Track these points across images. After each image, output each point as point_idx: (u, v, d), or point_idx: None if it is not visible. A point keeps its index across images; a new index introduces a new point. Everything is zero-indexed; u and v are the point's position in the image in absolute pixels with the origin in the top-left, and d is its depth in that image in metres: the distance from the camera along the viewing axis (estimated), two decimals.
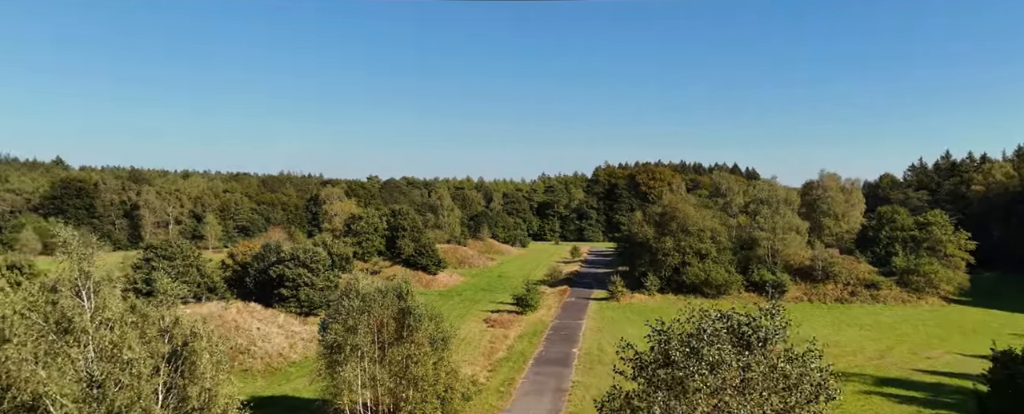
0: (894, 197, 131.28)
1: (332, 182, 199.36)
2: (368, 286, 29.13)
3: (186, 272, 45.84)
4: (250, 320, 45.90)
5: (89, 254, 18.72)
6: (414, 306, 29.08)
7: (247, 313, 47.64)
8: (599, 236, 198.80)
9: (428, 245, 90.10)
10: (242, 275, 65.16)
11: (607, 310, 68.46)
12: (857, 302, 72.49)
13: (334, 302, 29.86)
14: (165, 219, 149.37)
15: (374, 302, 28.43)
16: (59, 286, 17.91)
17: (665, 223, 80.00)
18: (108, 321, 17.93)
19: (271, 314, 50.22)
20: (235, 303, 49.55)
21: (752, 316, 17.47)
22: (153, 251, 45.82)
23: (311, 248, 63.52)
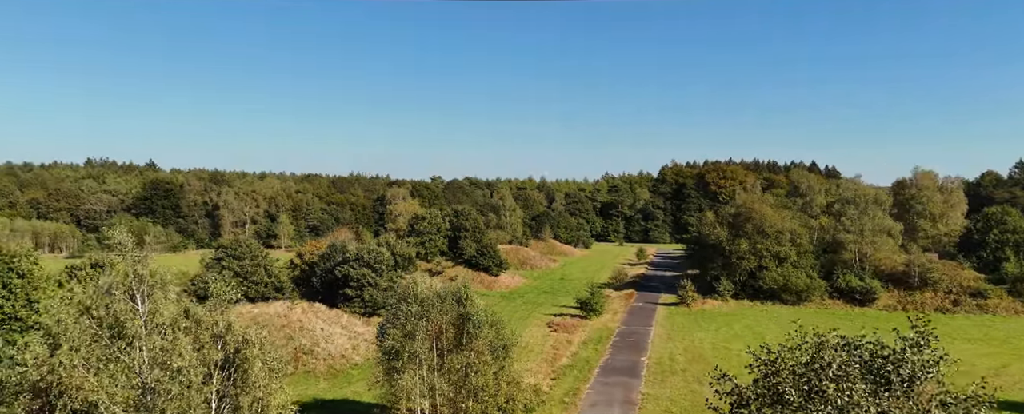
0: (999, 196, 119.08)
1: (398, 183, 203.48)
2: (426, 290, 27.93)
3: (254, 272, 46.77)
4: (314, 320, 46.15)
5: (143, 256, 18.25)
6: (474, 312, 27.65)
7: (311, 313, 47.98)
8: (666, 237, 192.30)
9: (490, 246, 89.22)
10: (309, 274, 66.37)
11: (677, 316, 64.96)
12: (961, 312, 65.35)
13: (392, 306, 28.89)
14: (242, 219, 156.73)
15: (432, 307, 27.19)
16: (113, 289, 17.50)
17: (740, 224, 75.31)
18: (160, 326, 17.39)
19: (335, 314, 50.43)
20: (300, 303, 50.10)
21: (890, 346, 14.04)
22: (224, 250, 47.09)
23: (375, 248, 63.79)
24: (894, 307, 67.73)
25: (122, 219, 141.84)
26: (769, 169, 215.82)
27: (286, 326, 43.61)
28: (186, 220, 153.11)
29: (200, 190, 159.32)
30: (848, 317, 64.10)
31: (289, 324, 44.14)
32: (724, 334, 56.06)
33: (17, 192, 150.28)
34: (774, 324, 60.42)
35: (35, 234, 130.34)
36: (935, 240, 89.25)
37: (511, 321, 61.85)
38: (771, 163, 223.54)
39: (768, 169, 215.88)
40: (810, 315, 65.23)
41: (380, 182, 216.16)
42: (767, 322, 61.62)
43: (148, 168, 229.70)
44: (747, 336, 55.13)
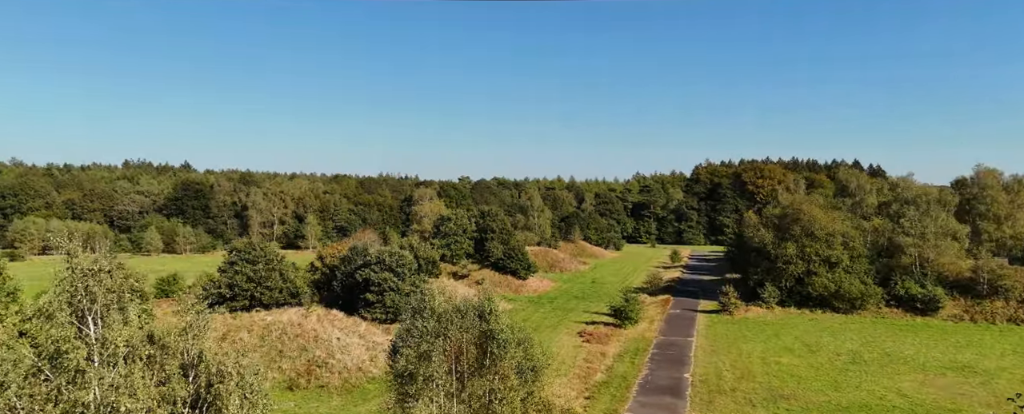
0: None
1: (425, 183, 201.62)
2: (444, 303, 24.50)
3: (268, 277, 44.31)
4: (330, 329, 43.31)
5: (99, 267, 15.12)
6: (499, 329, 24.08)
7: (328, 321, 45.17)
8: (700, 239, 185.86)
9: (517, 248, 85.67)
10: (330, 278, 63.83)
11: (719, 325, 60.29)
12: None
13: (405, 321, 25.53)
14: (270, 219, 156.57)
15: (451, 324, 23.74)
16: (58, 310, 14.43)
17: (786, 226, 70.05)
18: (114, 357, 14.28)
19: (352, 323, 47.55)
20: (316, 310, 47.37)
21: None
22: (237, 254, 44.80)
23: (397, 251, 60.82)
24: (960, 317, 61.74)
25: (153, 219, 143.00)
26: (809, 168, 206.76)
27: (300, 335, 40.84)
28: (215, 221, 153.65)
29: (229, 190, 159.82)
30: (910, 328, 58.55)
31: (303, 333, 41.37)
32: (773, 346, 51.31)
33: (54, 193, 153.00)
34: (828, 335, 55.36)
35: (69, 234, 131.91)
36: (1000, 244, 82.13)
37: (540, 329, 58.26)
38: (811, 162, 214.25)
39: (808, 168, 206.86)
40: (866, 325, 59.92)
41: (408, 182, 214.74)
42: (819, 333, 56.54)
43: (182, 169, 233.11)
44: (798, 349, 50.34)
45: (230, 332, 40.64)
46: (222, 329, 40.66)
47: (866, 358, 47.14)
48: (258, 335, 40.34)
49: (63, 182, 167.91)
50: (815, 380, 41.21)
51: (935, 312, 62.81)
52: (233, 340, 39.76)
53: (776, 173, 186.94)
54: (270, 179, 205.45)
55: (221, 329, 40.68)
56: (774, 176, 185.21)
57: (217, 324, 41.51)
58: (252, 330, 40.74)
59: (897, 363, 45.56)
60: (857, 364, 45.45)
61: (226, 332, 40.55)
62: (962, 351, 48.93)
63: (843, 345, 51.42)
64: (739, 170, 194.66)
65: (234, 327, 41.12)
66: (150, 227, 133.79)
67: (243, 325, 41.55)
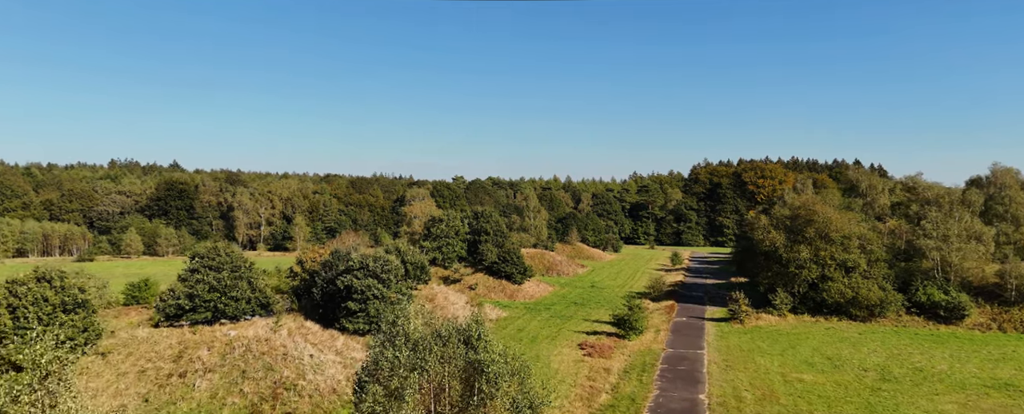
0: None
1: (418, 183, 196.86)
2: (421, 328, 19.93)
3: (233, 286, 39.65)
4: (302, 345, 38.60)
5: None
6: (489, 360, 19.58)
7: (300, 335, 40.46)
8: (700, 240, 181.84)
9: (513, 251, 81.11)
10: (310, 284, 59.09)
11: (731, 335, 55.88)
12: None
13: (375, 348, 20.97)
14: (257, 220, 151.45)
15: (429, 353, 19.21)
16: None
17: (798, 228, 65.74)
18: None
19: (329, 336, 42.85)
20: (288, 322, 42.61)
21: None
22: (199, 260, 40.17)
23: (382, 256, 56.12)
24: (987, 326, 57.52)
25: (134, 221, 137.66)
26: (810, 168, 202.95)
27: (267, 353, 36.13)
28: (200, 221, 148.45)
29: (215, 191, 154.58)
30: (935, 338, 54.27)
31: (271, 350, 36.65)
32: (791, 360, 46.92)
33: (32, 193, 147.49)
34: (848, 347, 51.02)
35: (45, 236, 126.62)
36: (1019, 247, 78.07)
37: (537, 340, 53.76)
38: (812, 161, 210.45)
39: (809, 168, 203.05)
40: (887, 335, 55.63)
41: (400, 183, 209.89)
42: (837, 344, 52.21)
43: (172, 169, 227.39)
44: (820, 363, 45.97)
45: (187, 349, 35.90)
46: (177, 347, 35.92)
47: (896, 374, 42.80)
48: (219, 353, 35.62)
49: (42, 182, 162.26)
50: (846, 402, 36.81)
51: (960, 321, 58.61)
52: (190, 358, 35.03)
53: (777, 173, 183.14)
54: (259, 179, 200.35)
55: (177, 347, 35.94)
56: (775, 176, 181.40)
57: (173, 341, 36.77)
58: (213, 347, 36.02)
59: (932, 381, 41.23)
60: (888, 382, 41.09)
61: (182, 350, 35.81)
62: (999, 366, 44.66)
63: (868, 359, 47.07)
64: (739, 170, 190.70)
65: (192, 344, 36.38)
66: (130, 229, 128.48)
67: (203, 341, 36.83)
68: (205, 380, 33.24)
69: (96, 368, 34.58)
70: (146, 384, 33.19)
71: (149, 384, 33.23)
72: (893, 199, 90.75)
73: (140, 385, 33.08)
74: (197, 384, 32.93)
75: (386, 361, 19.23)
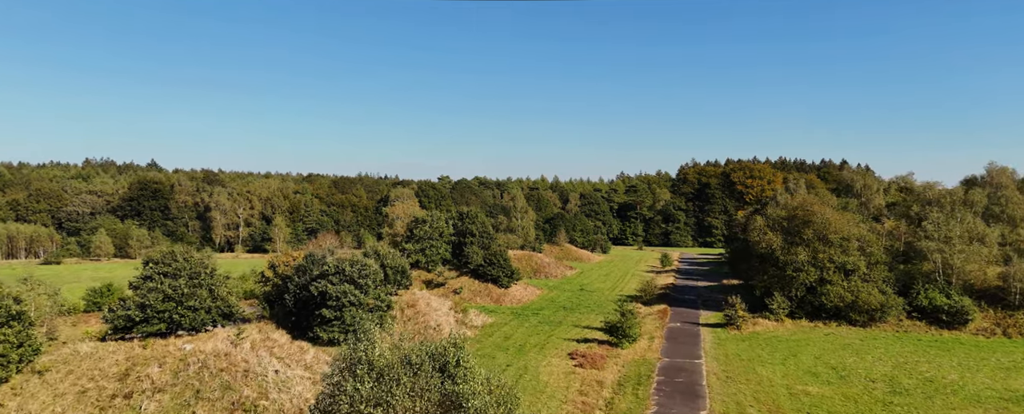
0: None
1: (403, 183, 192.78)
2: (387, 354, 16.66)
3: (192, 294, 35.99)
4: (267, 359, 35.04)
5: None
6: (469, 391, 16.35)
7: (265, 348, 36.88)
8: (688, 240, 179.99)
9: (499, 253, 77.89)
10: (283, 290, 55.41)
11: (728, 342, 53.15)
12: None
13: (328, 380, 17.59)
14: (235, 221, 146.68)
15: (397, 385, 15.93)
16: None
17: (796, 229, 63.30)
18: None
19: (298, 349, 39.30)
20: (252, 333, 38.99)
21: None
22: (154, 266, 36.38)
23: (360, 260, 52.63)
24: (991, 331, 55.41)
25: (105, 221, 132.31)
26: (797, 168, 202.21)
27: (226, 369, 32.55)
28: (175, 222, 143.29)
29: (191, 191, 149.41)
30: (940, 345, 52.01)
31: (231, 366, 33.08)
32: (794, 370, 44.26)
33: None
34: (851, 355, 48.55)
35: (10, 238, 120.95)
36: (1015, 248, 76.52)
37: (525, 349, 50.64)
38: (799, 161, 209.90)
39: (796, 168, 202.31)
40: (889, 342, 53.29)
41: (385, 182, 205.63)
42: (839, 352, 49.73)
43: (149, 168, 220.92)
44: (824, 373, 43.36)
45: (135, 366, 32.22)
46: (124, 363, 32.22)
47: (906, 386, 40.28)
48: (171, 370, 31.97)
49: (10, 181, 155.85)
50: None
51: (963, 325, 56.49)
52: (139, 377, 31.36)
53: (766, 173, 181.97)
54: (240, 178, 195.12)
55: (123, 363, 32.23)
56: (764, 176, 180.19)
57: (120, 356, 33.05)
58: (165, 363, 32.36)
59: (945, 393, 38.72)
60: (899, 394, 38.52)
61: (129, 367, 32.12)
62: (1012, 376, 42.35)
63: (874, 368, 44.57)
64: (728, 170, 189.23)
65: (141, 359, 32.69)
66: (100, 230, 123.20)
67: (154, 356, 33.14)
68: (153, 401, 29.66)
69: (31, 388, 30.83)
70: (86, 406, 29.53)
71: (90, 406, 29.57)
72: (888, 199, 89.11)
73: (79, 408, 29.41)
74: (144, 406, 29.36)
75: (345, 395, 15.97)
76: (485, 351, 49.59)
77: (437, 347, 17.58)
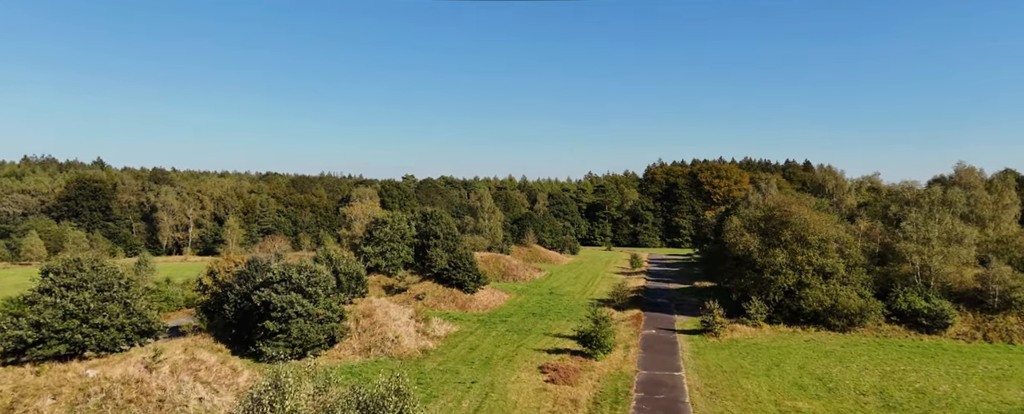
0: None
1: (365, 182, 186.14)
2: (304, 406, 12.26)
3: (101, 309, 30.69)
4: (189, 385, 29.96)
5: None
6: None
7: (189, 371, 31.73)
8: (656, 241, 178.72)
9: (465, 256, 73.56)
10: (223, 299, 49.98)
11: (707, 351, 50.10)
12: None
13: None
14: (184, 222, 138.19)
15: None
16: None
17: (774, 231, 60.94)
18: None
19: (230, 370, 34.19)
20: (176, 353, 33.77)
21: None
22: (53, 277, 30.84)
23: (309, 266, 47.71)
24: (971, 336, 53.91)
25: (38, 223, 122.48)
26: (763, 168, 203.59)
27: (135, 400, 27.43)
28: (118, 224, 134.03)
29: (136, 190, 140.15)
30: (922, 351, 50.08)
31: (144, 395, 27.96)
32: (780, 382, 41.36)
33: None
34: (835, 363, 46.07)
35: None
36: (983, 248, 76.21)
37: (492, 362, 46.51)
38: (764, 162, 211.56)
39: (762, 168, 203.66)
40: (871, 348, 51.16)
41: (347, 182, 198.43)
42: (823, 360, 47.23)
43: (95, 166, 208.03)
44: (811, 386, 40.57)
45: (23, 398, 26.83)
46: (10, 395, 26.78)
47: (898, 399, 37.72)
48: (67, 402, 26.71)
49: None
50: None
51: (943, 329, 54.86)
52: (25, 412, 25.97)
53: (733, 173, 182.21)
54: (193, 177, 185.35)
55: (9, 395, 26.79)
56: (731, 176, 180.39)
57: (6, 386, 27.56)
58: (60, 394, 27.08)
59: (940, 407, 36.27)
60: (892, 410, 35.88)
61: (16, 399, 26.71)
62: (1004, 386, 40.32)
63: (862, 379, 42.02)
64: (695, 170, 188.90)
65: (32, 389, 27.30)
66: (31, 232, 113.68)
67: (49, 385, 27.79)
68: None
69: None
70: None
71: None
72: (859, 199, 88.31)
73: None
74: None
75: None
76: (448, 366, 45.27)
77: (373, 395, 13.26)
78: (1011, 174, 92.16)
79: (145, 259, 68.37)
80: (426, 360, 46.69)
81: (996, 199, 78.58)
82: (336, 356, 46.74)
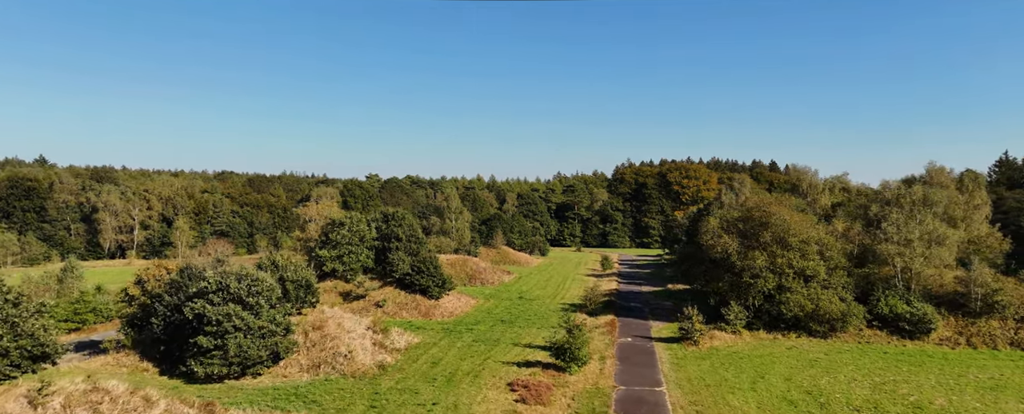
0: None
1: (327, 181, 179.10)
2: None
3: None
4: None
5: None
6: None
7: (88, 405, 26.49)
8: (626, 241, 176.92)
9: (429, 259, 69.01)
10: (151, 312, 44.34)
11: (688, 362, 46.83)
12: None
13: None
14: (129, 223, 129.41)
15: None
16: None
17: (753, 232, 58.30)
18: None
19: (141, 402, 28.95)
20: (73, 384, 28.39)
21: None
22: None
23: (251, 273, 42.57)
24: (955, 341, 52.12)
25: None
26: (730, 168, 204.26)
27: None
28: (54, 225, 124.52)
29: (75, 189, 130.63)
30: (908, 358, 47.90)
31: None
32: (767, 397, 38.27)
33: None
34: (822, 373, 43.39)
35: None
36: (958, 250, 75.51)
37: (456, 379, 42.16)
38: (731, 162, 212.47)
39: (729, 168, 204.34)
40: (854, 355, 48.81)
41: (307, 181, 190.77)
42: (809, 370, 44.52)
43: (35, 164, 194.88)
44: (800, 400, 37.59)
45: None
46: None
47: None
48: None
49: None
50: None
51: (926, 335, 52.99)
52: None
53: (702, 173, 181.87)
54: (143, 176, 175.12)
55: None
56: (700, 176, 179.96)
57: None
58: None
59: None
60: None
61: None
62: (1001, 398, 38.07)
63: (853, 392, 39.28)
64: (664, 170, 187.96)
65: None
66: None
67: None
68: None
69: None
70: None
71: None
72: (832, 199, 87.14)
73: None
74: None
75: None
76: (407, 383, 40.78)
77: None
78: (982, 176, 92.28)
79: (72, 265, 61.66)
80: (383, 377, 42.09)
81: (967, 199, 78.01)
82: (281, 374, 41.75)
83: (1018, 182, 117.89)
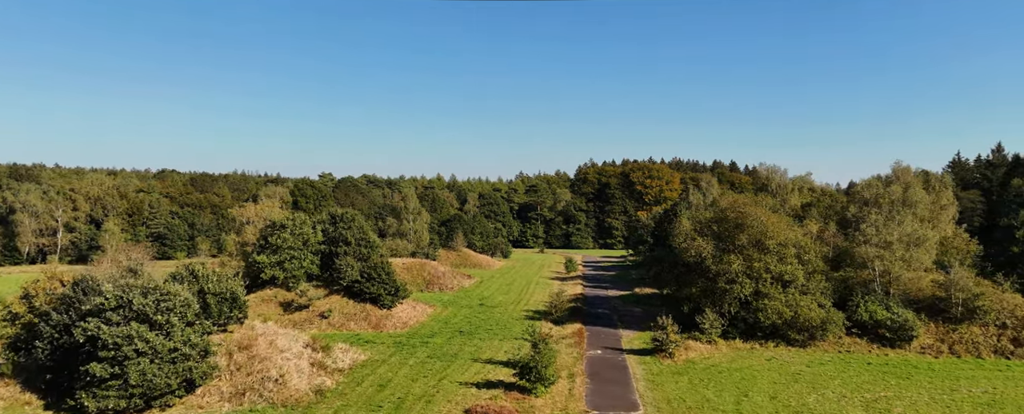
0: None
1: (276, 180, 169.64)
2: None
3: None
4: None
5: None
6: None
7: None
8: (589, 242, 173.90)
9: (381, 265, 63.07)
10: (38, 334, 37.16)
11: (664, 378, 42.56)
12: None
13: None
14: (52, 226, 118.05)
15: None
16: None
17: (728, 234, 54.74)
18: None
19: None
20: None
21: None
22: None
23: (159, 287, 35.99)
24: (938, 350, 49.61)
25: None
26: (692, 168, 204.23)
27: None
28: None
29: None
30: (892, 370, 44.96)
31: None
32: None
33: None
34: (807, 388, 39.86)
35: None
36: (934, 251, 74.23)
37: (406, 404, 36.65)
38: (693, 162, 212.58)
39: (691, 168, 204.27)
40: (837, 366, 45.63)
41: (255, 180, 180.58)
42: (794, 385, 40.94)
43: None
44: None
45: None
46: None
47: None
48: None
49: None
50: None
51: (907, 342, 50.36)
52: None
53: (664, 173, 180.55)
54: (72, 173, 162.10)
55: None
56: (663, 176, 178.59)
57: None
58: None
59: None
60: None
61: None
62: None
63: (844, 411, 35.68)
64: (627, 170, 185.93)
65: None
66: None
67: None
68: None
69: None
70: None
71: None
72: (801, 199, 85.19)
73: None
74: None
75: None
76: (348, 412, 35.04)
77: None
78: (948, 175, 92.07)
79: None
80: (320, 405, 36.24)
81: (934, 199, 76.83)
82: (196, 405, 35.38)
83: (971, 183, 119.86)
